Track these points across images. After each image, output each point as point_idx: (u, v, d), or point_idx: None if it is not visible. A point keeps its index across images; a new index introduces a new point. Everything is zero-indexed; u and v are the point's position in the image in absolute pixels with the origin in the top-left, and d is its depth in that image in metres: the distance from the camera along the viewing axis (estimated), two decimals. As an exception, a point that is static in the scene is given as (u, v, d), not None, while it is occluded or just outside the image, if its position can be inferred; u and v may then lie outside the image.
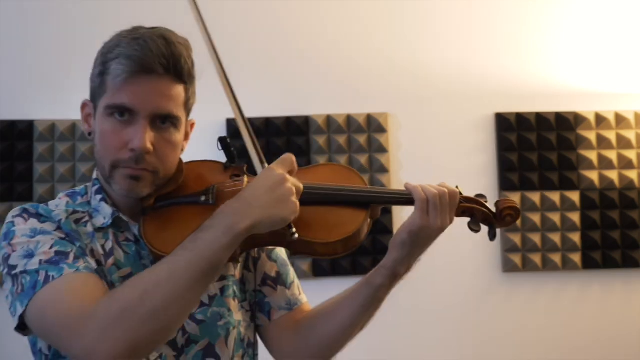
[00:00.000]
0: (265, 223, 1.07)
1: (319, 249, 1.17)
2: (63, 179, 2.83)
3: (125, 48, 1.13)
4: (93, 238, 1.17)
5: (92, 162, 2.84)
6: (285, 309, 1.30)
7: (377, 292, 1.21)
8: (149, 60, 1.11)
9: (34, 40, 2.91)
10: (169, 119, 1.15)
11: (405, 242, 1.19)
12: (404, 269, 1.21)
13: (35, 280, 1.06)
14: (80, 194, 1.25)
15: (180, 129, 1.19)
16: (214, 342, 1.19)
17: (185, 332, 1.17)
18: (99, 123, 1.17)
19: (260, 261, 1.31)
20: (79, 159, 2.85)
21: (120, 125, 1.14)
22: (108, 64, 1.14)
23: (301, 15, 2.95)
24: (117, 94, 1.13)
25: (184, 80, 1.16)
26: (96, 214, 1.20)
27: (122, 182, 1.15)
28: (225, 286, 1.23)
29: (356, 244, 1.20)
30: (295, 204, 1.09)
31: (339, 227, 1.17)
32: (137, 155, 1.13)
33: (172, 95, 1.15)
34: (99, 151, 1.17)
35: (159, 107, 1.13)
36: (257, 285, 1.30)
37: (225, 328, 1.20)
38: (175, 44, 1.14)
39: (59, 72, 2.88)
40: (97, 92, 1.18)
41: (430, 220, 1.18)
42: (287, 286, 1.31)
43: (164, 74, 1.13)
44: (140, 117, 1.13)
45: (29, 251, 1.10)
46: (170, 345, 1.16)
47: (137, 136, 1.12)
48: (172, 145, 1.17)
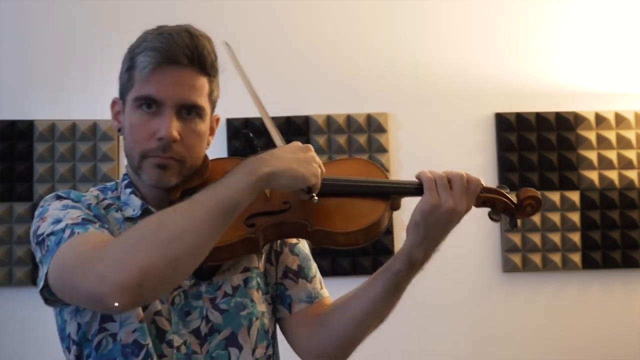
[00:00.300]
0: (286, 175, 1.10)
1: (340, 239, 1.19)
2: (63, 179, 2.83)
3: (150, 42, 1.18)
4: (122, 224, 1.21)
5: (92, 162, 2.85)
6: (306, 301, 1.31)
7: (395, 277, 1.21)
8: (174, 52, 1.16)
9: (34, 40, 2.91)
10: (194, 109, 1.20)
11: (418, 223, 1.18)
12: (420, 254, 1.20)
13: (60, 237, 1.09)
14: (110, 189, 1.29)
15: (205, 119, 1.23)
16: (237, 331, 1.21)
17: (209, 321, 1.20)
18: (127, 116, 1.21)
19: (282, 255, 1.33)
20: (79, 159, 2.85)
21: (148, 116, 1.18)
22: (135, 59, 1.19)
23: (301, 15, 2.95)
24: (144, 85, 1.18)
25: (207, 72, 1.21)
26: (126, 206, 1.24)
27: (151, 172, 1.19)
28: (249, 277, 1.25)
29: (377, 234, 1.21)
30: (316, 169, 1.14)
31: (360, 217, 1.19)
32: (164, 144, 1.17)
33: (196, 85, 1.19)
34: (129, 143, 1.22)
35: (184, 96, 1.18)
36: (279, 278, 1.31)
37: (248, 318, 1.22)
38: (199, 37, 1.19)
39: (59, 72, 2.89)
40: (125, 88, 1.22)
41: (442, 199, 1.17)
42: (308, 280, 1.33)
43: (188, 65, 1.18)
44: (167, 107, 1.17)
45: (57, 218, 1.13)
46: (194, 333, 1.19)
47: (164, 125, 1.16)
48: (197, 135, 1.21)
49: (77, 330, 1.19)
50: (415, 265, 1.21)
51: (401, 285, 1.22)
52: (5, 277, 2.79)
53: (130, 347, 1.14)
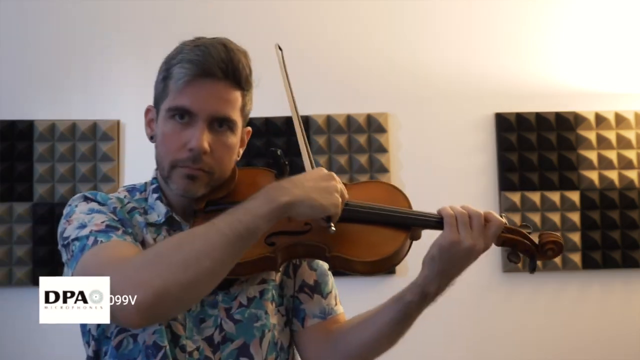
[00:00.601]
0: (305, 204, 1.11)
1: (357, 267, 1.19)
2: (63, 179, 2.83)
3: (187, 54, 1.20)
4: (144, 229, 1.24)
5: (92, 162, 2.85)
6: (319, 317, 1.33)
7: (406, 308, 1.22)
8: (209, 65, 1.18)
9: (34, 40, 2.91)
10: (225, 122, 1.22)
11: (434, 257, 1.19)
12: (433, 288, 1.21)
13: (84, 244, 1.12)
14: (139, 190, 1.32)
15: (237, 132, 1.25)
16: (249, 342, 1.23)
17: (222, 330, 1.22)
18: (160, 125, 1.24)
19: (300, 269, 1.35)
20: (79, 159, 2.85)
21: (180, 127, 1.20)
22: (171, 69, 1.21)
23: (301, 15, 2.95)
24: (178, 96, 1.20)
25: (241, 86, 1.23)
26: (151, 210, 1.27)
27: (180, 182, 1.22)
28: (264, 289, 1.27)
29: (395, 263, 1.21)
30: (337, 199, 1.14)
31: (379, 246, 1.19)
32: (194, 155, 1.19)
33: (229, 99, 1.22)
34: (160, 152, 1.24)
35: (217, 110, 1.20)
36: (295, 291, 1.33)
37: (261, 330, 1.25)
38: (235, 51, 1.22)
39: (59, 72, 2.89)
40: (160, 97, 1.24)
41: (461, 236, 1.17)
42: (323, 295, 1.34)
43: (223, 78, 1.20)
44: (199, 119, 1.19)
45: (82, 223, 1.16)
46: (207, 341, 1.21)
47: (195, 137, 1.18)
48: (227, 148, 1.23)
49: (96, 327, 1.22)
50: (427, 298, 1.22)
51: (412, 315, 1.24)
52: (5, 277, 2.79)
53: (150, 348, 1.18)
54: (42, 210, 2.82)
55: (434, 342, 2.84)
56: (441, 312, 2.84)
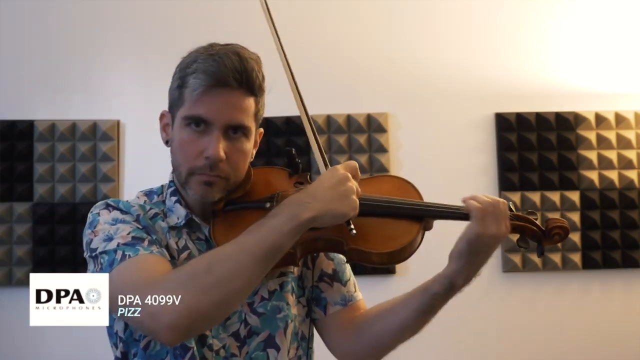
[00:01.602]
0: (327, 216, 1.14)
1: (374, 258, 1.23)
2: (63, 179, 2.83)
3: (202, 63, 1.23)
4: (167, 234, 1.27)
5: (92, 162, 2.85)
6: (340, 304, 1.37)
7: (432, 299, 1.27)
8: (224, 75, 1.21)
9: (34, 40, 2.91)
10: (240, 129, 1.25)
11: (463, 251, 1.22)
12: (462, 279, 1.25)
13: (112, 258, 1.15)
14: (156, 192, 1.35)
15: (251, 138, 1.28)
16: (274, 333, 1.28)
17: (247, 324, 1.27)
18: (176, 133, 1.27)
19: (318, 259, 1.39)
20: (79, 159, 2.85)
21: (196, 134, 1.23)
22: (186, 78, 1.24)
23: (301, 15, 2.95)
24: (194, 106, 1.23)
25: (255, 93, 1.27)
26: (170, 213, 1.30)
27: (197, 188, 1.25)
28: (284, 282, 1.32)
29: (409, 254, 1.25)
30: (355, 202, 1.17)
31: (394, 238, 1.23)
32: (211, 163, 1.22)
33: (244, 107, 1.25)
34: (177, 159, 1.27)
35: (232, 118, 1.23)
36: (315, 281, 1.38)
37: (284, 320, 1.29)
38: (248, 59, 1.26)
39: (59, 72, 2.89)
40: (175, 104, 1.27)
41: (487, 227, 1.20)
42: (342, 283, 1.39)
43: (237, 88, 1.23)
44: (215, 128, 1.22)
45: (108, 235, 1.19)
46: (234, 336, 1.26)
47: (211, 145, 1.22)
48: (242, 154, 1.27)
49: (124, 329, 1.24)
50: (454, 289, 1.27)
51: (437, 306, 1.30)
52: (5, 277, 2.79)
53: (178, 349, 1.21)
54: (42, 210, 2.82)
55: (434, 342, 2.84)
56: (441, 312, 2.84)
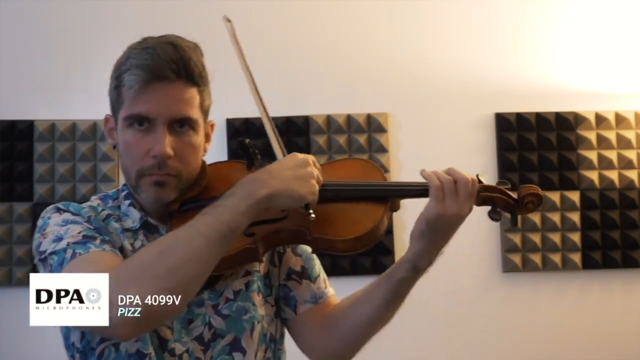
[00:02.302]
0: (284, 196, 1.10)
1: (340, 245, 1.18)
2: (63, 179, 2.83)
3: (135, 58, 1.17)
4: (122, 235, 1.22)
5: (92, 162, 2.85)
6: (311, 302, 1.31)
7: (398, 286, 1.21)
8: (160, 67, 1.15)
9: (34, 40, 2.91)
10: (186, 122, 1.19)
11: (423, 232, 1.18)
12: (425, 261, 1.20)
13: (62, 257, 1.10)
14: (112, 197, 1.29)
15: (199, 131, 1.22)
16: (240, 336, 1.22)
17: (212, 327, 1.21)
18: (120, 135, 1.21)
19: (285, 256, 1.33)
20: (79, 159, 2.85)
21: (141, 134, 1.18)
22: (122, 77, 1.19)
23: (301, 15, 2.95)
24: (133, 104, 1.17)
25: (196, 82, 1.20)
26: (125, 218, 1.24)
27: (149, 190, 1.19)
28: (250, 281, 1.26)
29: (376, 238, 1.20)
30: (314, 187, 1.13)
31: (358, 223, 1.18)
32: (159, 161, 1.17)
33: (186, 98, 1.18)
34: (125, 162, 1.21)
35: (174, 112, 1.17)
36: (282, 279, 1.32)
37: (251, 322, 1.23)
38: (184, 48, 1.18)
39: (59, 72, 2.88)
40: (115, 106, 1.23)
41: (447, 207, 1.16)
42: (312, 280, 1.33)
43: (176, 79, 1.17)
44: (158, 124, 1.17)
45: (58, 235, 1.15)
46: (197, 340, 1.20)
47: (157, 143, 1.16)
48: (192, 148, 1.21)
49: (80, 339, 1.19)
50: (419, 272, 1.21)
51: (404, 292, 1.23)
52: (5, 277, 2.79)
53: (133, 357, 1.15)
54: (42, 210, 2.82)
55: (433, 342, 2.84)
56: (441, 312, 2.86)
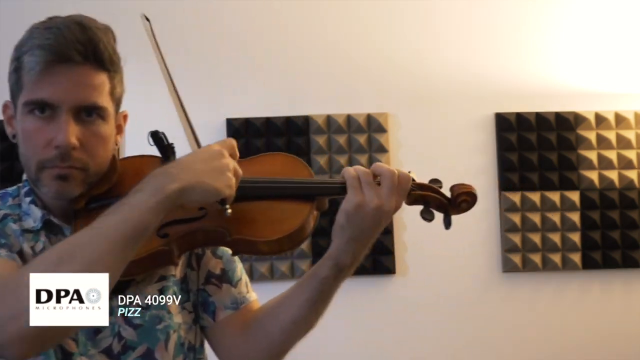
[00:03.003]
0: (197, 190, 0.99)
1: (262, 247, 1.10)
2: None
3: (37, 38, 1.06)
4: (21, 237, 1.09)
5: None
6: (231, 308, 1.20)
7: (321, 285, 1.12)
8: (64, 48, 1.04)
9: (34, 40, 2.91)
10: (94, 110, 1.07)
11: (343, 226, 1.08)
12: (348, 259, 1.10)
13: None
14: (11, 195, 1.19)
15: (109, 120, 1.11)
16: (153, 347, 1.11)
17: (122, 338, 1.10)
18: (20, 123, 1.09)
19: (204, 258, 1.21)
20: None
21: (42, 121, 1.06)
22: (21, 58, 1.07)
23: (301, 15, 2.95)
24: (33, 88, 1.05)
25: (106, 67, 1.08)
26: (26, 217, 1.12)
27: (50, 184, 1.08)
28: (164, 287, 1.15)
29: (302, 239, 1.11)
30: (231, 180, 1.03)
31: (282, 222, 1.09)
32: (62, 153, 1.05)
33: (94, 84, 1.07)
34: (23, 153, 1.11)
35: (80, 98, 1.06)
36: (201, 283, 1.20)
37: (165, 332, 1.13)
38: (93, 29, 1.07)
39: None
40: (14, 90, 1.10)
41: (366, 198, 1.07)
42: (233, 284, 1.22)
43: (83, 62, 1.05)
44: (62, 111, 1.05)
45: None
46: (105, 352, 1.09)
47: (60, 131, 1.04)
48: (101, 139, 1.09)
49: None
50: (343, 271, 1.12)
51: (329, 291, 1.14)
52: None
53: None
54: None
55: (433, 342, 2.84)
56: (441, 312, 2.86)
